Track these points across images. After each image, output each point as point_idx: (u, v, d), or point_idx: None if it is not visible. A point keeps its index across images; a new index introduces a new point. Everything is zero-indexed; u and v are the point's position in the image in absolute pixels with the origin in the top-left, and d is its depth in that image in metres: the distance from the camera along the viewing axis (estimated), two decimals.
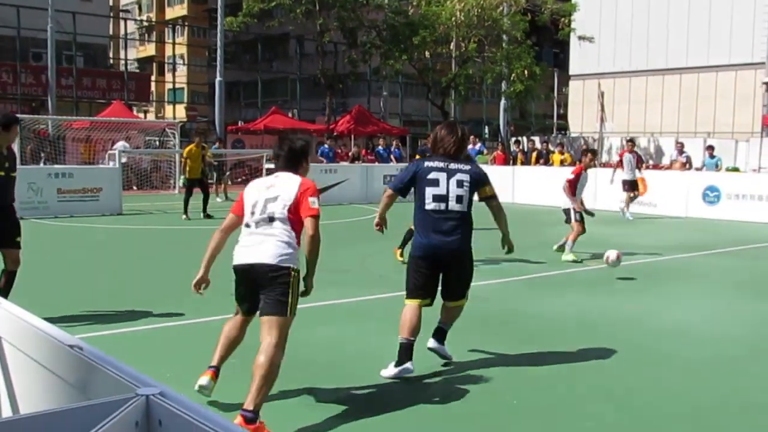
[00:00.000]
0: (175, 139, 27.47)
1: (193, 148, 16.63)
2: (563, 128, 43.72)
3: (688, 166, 22.18)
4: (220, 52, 29.88)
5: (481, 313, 7.00)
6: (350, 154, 27.15)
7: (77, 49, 37.29)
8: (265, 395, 4.16)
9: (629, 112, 38.24)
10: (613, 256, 9.62)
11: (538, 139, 31.95)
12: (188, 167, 16.49)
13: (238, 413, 4.12)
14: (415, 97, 44.32)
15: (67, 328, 6.18)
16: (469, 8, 27.68)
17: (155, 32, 62.92)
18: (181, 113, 48.30)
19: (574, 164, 25.12)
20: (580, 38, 30.60)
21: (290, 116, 37.37)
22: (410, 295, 5.48)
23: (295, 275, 4.37)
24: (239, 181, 25.36)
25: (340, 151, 26.92)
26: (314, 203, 4.44)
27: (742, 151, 27.81)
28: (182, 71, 54.10)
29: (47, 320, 2.46)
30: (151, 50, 62.20)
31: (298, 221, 4.43)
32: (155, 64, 57.76)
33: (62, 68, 34.36)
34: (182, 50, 55.81)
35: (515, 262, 10.34)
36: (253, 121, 35.82)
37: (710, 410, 4.92)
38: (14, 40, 35.14)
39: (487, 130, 42.60)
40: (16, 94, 35.09)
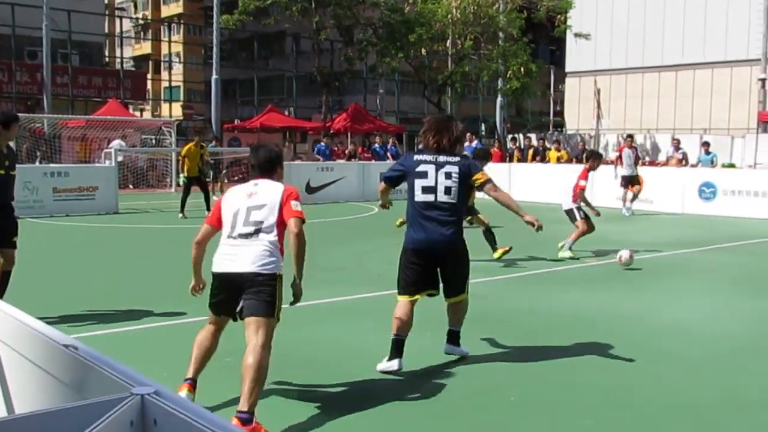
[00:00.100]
0: (171, 137, 27.42)
1: (192, 146, 16.53)
2: (560, 125, 43.76)
3: (684, 162, 22.22)
4: (216, 50, 29.86)
5: (479, 310, 6.97)
6: (347, 151, 27.14)
7: (73, 47, 37.18)
8: (257, 395, 4.18)
9: (625, 108, 38.33)
10: (626, 255, 9.63)
11: (534, 136, 31.94)
12: (186, 166, 16.44)
13: (233, 416, 4.11)
14: (411, 94, 44.33)
15: (62, 327, 6.16)
16: (465, 5, 27.70)
17: (151, 30, 62.89)
18: (177, 111, 48.32)
19: (570, 161, 25.17)
20: (576, 35, 30.61)
21: (287, 114, 37.35)
22: (401, 291, 5.49)
23: (280, 281, 4.44)
24: (236, 179, 25.31)
25: (336, 148, 26.90)
26: (297, 206, 4.50)
27: (738, 147, 27.86)
28: (178, 69, 54.05)
29: (42, 320, 2.44)
30: (146, 48, 62.22)
31: (283, 228, 4.49)
32: (151, 62, 57.81)
33: (58, 66, 34.26)
34: (178, 48, 55.79)
35: (513, 259, 10.36)
36: (249, 119, 35.81)
37: (710, 407, 4.91)
38: (9, 38, 35.08)
39: (483, 127, 42.61)
40: (11, 92, 35.05)
